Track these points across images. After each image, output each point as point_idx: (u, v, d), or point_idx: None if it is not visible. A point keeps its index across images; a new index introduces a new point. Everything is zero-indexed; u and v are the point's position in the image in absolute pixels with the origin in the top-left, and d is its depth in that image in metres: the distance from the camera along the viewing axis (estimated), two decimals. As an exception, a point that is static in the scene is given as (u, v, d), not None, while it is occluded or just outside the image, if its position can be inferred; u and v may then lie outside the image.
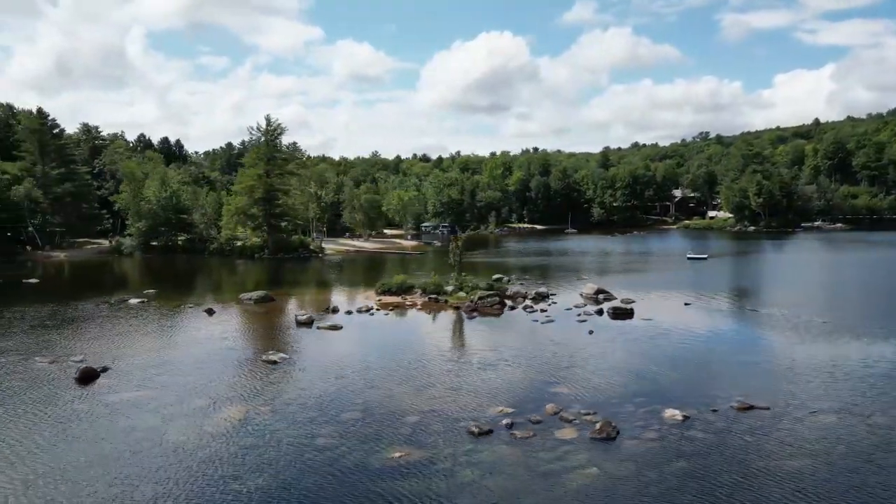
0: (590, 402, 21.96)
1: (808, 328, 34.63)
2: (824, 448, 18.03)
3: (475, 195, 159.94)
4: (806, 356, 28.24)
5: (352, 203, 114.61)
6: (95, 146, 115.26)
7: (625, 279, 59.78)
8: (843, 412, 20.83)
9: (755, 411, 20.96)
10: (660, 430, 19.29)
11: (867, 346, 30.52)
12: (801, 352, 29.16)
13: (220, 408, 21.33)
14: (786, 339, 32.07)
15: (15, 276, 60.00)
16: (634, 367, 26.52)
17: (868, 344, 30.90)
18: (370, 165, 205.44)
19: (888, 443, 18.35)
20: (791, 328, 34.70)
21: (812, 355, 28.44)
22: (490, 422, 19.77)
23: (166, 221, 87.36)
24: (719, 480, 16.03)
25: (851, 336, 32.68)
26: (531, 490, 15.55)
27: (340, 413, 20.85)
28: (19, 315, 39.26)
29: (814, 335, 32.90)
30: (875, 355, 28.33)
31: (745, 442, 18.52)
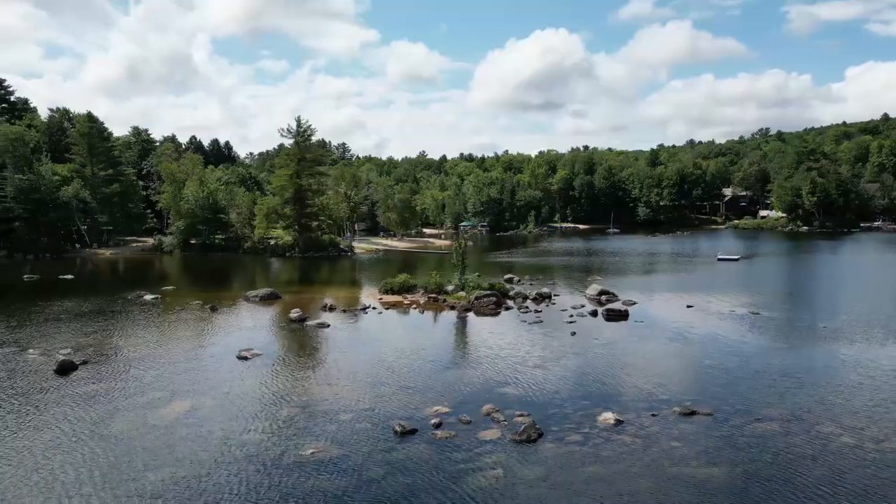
0: (532, 403, 21.89)
1: (804, 333, 33.43)
2: (748, 457, 17.50)
3: (515, 194, 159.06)
4: (783, 362, 27.29)
5: (386, 203, 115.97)
6: (144, 148, 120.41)
7: (640, 280, 58.70)
8: (791, 420, 20.11)
9: (696, 417, 20.49)
10: (586, 434, 19.11)
11: (854, 351, 29.21)
12: (781, 357, 28.21)
13: (172, 401, 22.27)
14: (771, 344, 31.06)
15: (54, 273, 63.52)
16: (595, 370, 26.18)
17: (857, 350, 29.56)
18: (414, 165, 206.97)
19: (820, 454, 17.66)
20: (785, 332, 33.55)
21: (790, 361, 27.48)
22: (419, 421, 20.00)
23: (204, 220, 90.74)
24: (621, 487, 15.82)
25: (844, 341, 31.32)
26: (427, 490, 15.71)
27: (282, 409, 21.46)
28: (40, 309, 41.66)
29: (804, 340, 31.77)
30: (856, 362, 27.12)
31: (668, 448, 18.16)
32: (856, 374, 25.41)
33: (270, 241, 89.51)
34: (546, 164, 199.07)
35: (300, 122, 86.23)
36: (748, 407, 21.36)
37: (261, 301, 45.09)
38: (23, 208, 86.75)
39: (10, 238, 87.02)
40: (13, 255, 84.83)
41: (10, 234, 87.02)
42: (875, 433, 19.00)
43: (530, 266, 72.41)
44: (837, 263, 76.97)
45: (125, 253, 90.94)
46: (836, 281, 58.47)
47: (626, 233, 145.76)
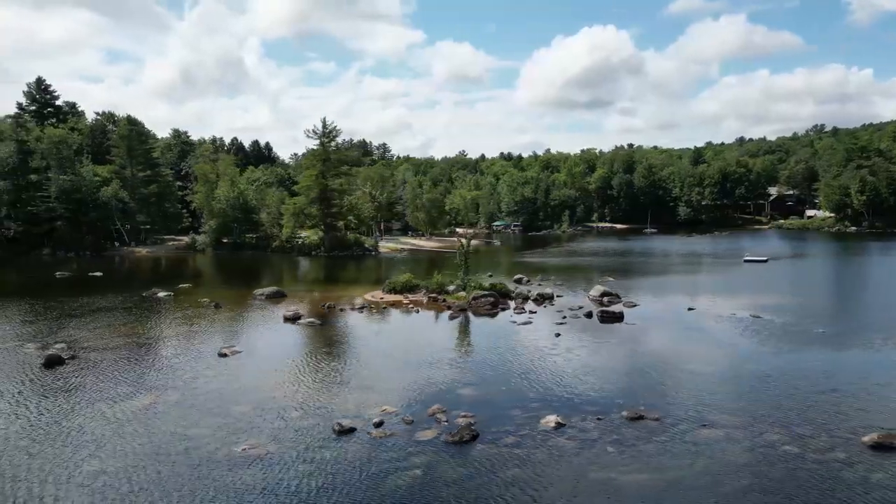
0: (482, 404, 21.91)
1: (796, 338, 32.29)
2: (678, 464, 17.18)
3: (549, 194, 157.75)
4: (757, 367, 26.54)
5: (414, 203, 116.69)
6: (184, 150, 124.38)
7: (653, 281, 57.63)
8: (739, 428, 19.59)
9: (642, 421, 20.16)
10: (523, 436, 19.05)
11: (840, 358, 28.20)
12: (758, 362, 27.39)
13: (138, 395, 23.15)
14: (755, 349, 30.19)
15: (86, 270, 66.44)
16: (558, 373, 25.94)
17: (844, 357, 28.55)
18: (451, 165, 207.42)
19: (754, 463, 17.18)
20: (776, 337, 32.49)
21: (766, 366, 26.64)
22: (362, 420, 20.28)
23: (234, 220, 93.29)
24: (534, 491, 15.75)
25: (836, 347, 30.21)
26: (340, 488, 15.96)
27: (237, 405, 22.03)
28: (57, 305, 43.72)
29: (793, 345, 30.71)
30: (835, 370, 26.18)
31: (600, 452, 17.97)
32: (829, 382, 24.46)
33: (298, 240, 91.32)
34: (585, 162, 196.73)
35: (325, 123, 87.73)
36: (701, 413, 20.86)
37: (266, 299, 46.17)
38: (65, 208, 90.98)
39: (53, 237, 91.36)
40: (56, 254, 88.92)
41: (53, 233, 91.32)
42: (822, 444, 18.32)
43: (551, 266, 71.86)
44: (876, 266, 73.75)
45: (160, 251, 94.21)
46: (863, 285, 56.10)
47: (664, 233, 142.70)
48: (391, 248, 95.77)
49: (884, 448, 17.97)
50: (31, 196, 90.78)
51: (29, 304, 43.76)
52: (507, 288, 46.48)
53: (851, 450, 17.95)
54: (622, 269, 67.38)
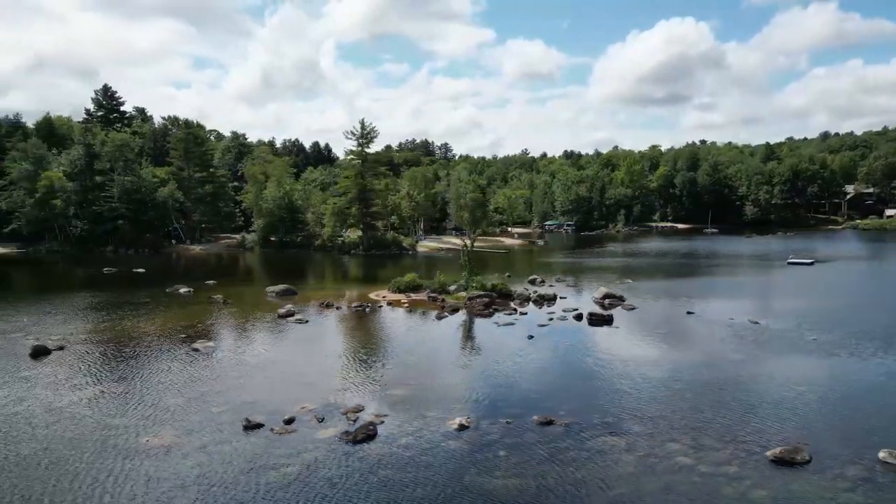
0: (401, 404, 22.16)
1: (782, 345, 30.68)
2: (562, 470, 16.97)
3: (605, 193, 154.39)
4: (712, 375, 25.53)
5: (458, 202, 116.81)
6: (241, 151, 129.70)
7: (672, 283, 55.79)
8: (646, 436, 19.07)
9: (550, 427, 19.94)
10: (420, 437, 19.20)
11: (813, 369, 26.61)
12: (718, 370, 26.30)
13: (90, 386, 24.67)
14: (723, 356, 28.91)
15: (132, 266, 70.68)
16: (496, 375, 25.89)
17: (819, 367, 26.89)
18: (508, 164, 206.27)
19: (641, 473, 16.67)
20: (759, 344, 31.07)
21: (724, 375, 25.59)
22: (276, 416, 20.92)
23: (280, 219, 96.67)
24: (402, 492, 15.89)
25: (811, 356, 28.53)
26: (217, 481, 16.62)
27: (170, 399, 23.08)
28: (81, 298, 46.94)
29: (766, 353, 29.23)
30: (798, 380, 24.74)
31: (490, 456, 17.93)
32: (770, 392, 23.30)
33: (339, 239, 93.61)
34: (648, 160, 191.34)
35: (364, 125, 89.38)
36: (616, 420, 20.33)
37: (277, 296, 47.75)
38: (126, 208, 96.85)
39: (115, 235, 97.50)
40: (118, 251, 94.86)
41: (116, 232, 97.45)
42: (722, 457, 17.55)
43: (582, 266, 70.71)
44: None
45: (212, 249, 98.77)
46: None
47: (726, 233, 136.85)
48: (431, 248, 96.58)
49: (783, 463, 17.05)
50: (96, 196, 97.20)
51: (55, 299, 47.10)
52: (508, 288, 46.25)
53: (750, 463, 17.14)
54: (653, 271, 65.50)
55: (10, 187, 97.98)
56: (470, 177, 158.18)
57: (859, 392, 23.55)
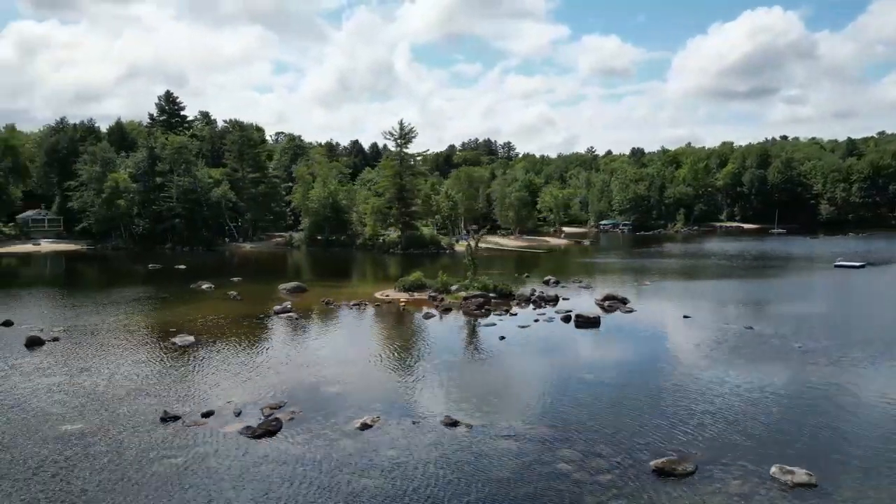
0: (327, 401, 22.55)
1: (758, 353, 29.07)
2: (433, 471, 16.84)
3: (664, 191, 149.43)
4: (661, 381, 24.67)
5: (503, 201, 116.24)
6: (296, 153, 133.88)
7: (696, 285, 53.76)
8: (541, 442, 18.65)
9: (454, 428, 19.84)
10: (319, 435, 19.51)
11: (763, 379, 24.99)
12: (662, 377, 25.28)
13: (57, 375, 26.32)
14: (691, 363, 27.77)
15: (177, 263, 74.52)
16: (439, 375, 25.81)
17: (786, 377, 25.25)
18: (567, 162, 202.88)
19: (504, 479, 16.31)
20: (735, 351, 29.61)
21: (675, 381, 24.60)
22: (197, 409, 21.70)
23: (325, 218, 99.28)
24: (257, 486, 16.25)
25: (782, 366, 26.86)
26: (105, 466, 17.49)
27: (113, 390, 24.19)
28: (110, 293, 49.96)
29: (738, 360, 27.80)
30: (749, 389, 23.40)
31: (374, 455, 17.97)
32: (706, 400, 22.16)
33: (380, 238, 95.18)
34: (718, 157, 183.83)
35: (402, 125, 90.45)
36: (524, 424, 19.99)
37: (288, 293, 49.21)
38: (183, 207, 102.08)
39: (173, 233, 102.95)
40: (175, 248, 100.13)
41: (173, 230, 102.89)
42: (606, 466, 16.92)
43: (613, 267, 69.07)
44: None
45: (262, 247, 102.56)
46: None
47: (795, 234, 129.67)
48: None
49: (664, 473, 16.31)
50: (156, 196, 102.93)
51: (88, 292, 50.38)
52: (509, 289, 45.87)
53: (630, 472, 16.54)
54: (682, 272, 63.22)
55: (81, 188, 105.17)
56: (525, 175, 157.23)
57: (793, 404, 22.14)
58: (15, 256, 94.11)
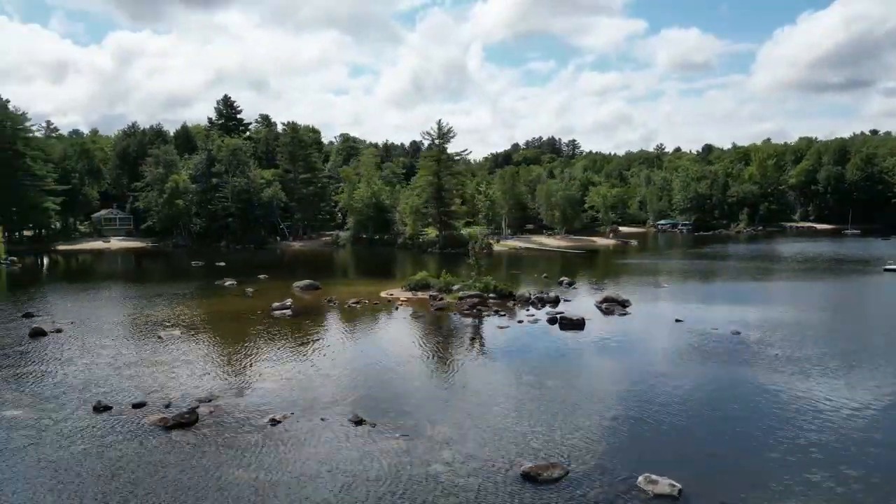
0: (254, 397, 23.27)
1: (729, 358, 27.70)
2: (308, 465, 17.20)
3: (727, 189, 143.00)
4: (591, 387, 23.82)
5: (549, 200, 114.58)
6: (349, 153, 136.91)
7: (707, 288, 51.60)
8: (427, 440, 18.60)
9: (359, 426, 20.12)
10: (226, 428, 20.22)
11: (712, 386, 23.79)
12: (603, 380, 24.45)
13: (26, 364, 28.27)
14: (637, 367, 26.70)
15: (219, 260, 77.99)
16: (380, 374, 26.22)
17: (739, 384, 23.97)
18: (631, 160, 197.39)
19: (378, 476, 16.44)
20: (707, 356, 28.32)
21: (602, 387, 23.78)
22: (129, 401, 22.86)
23: (369, 218, 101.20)
24: (131, 475, 17.10)
25: (758, 372, 25.38)
26: (18, 450, 18.87)
27: (72, 379, 25.78)
28: (143, 288, 53.07)
29: (700, 366, 26.53)
30: (682, 397, 22.34)
31: (267, 451, 18.46)
32: (620, 407, 21.37)
33: (420, 237, 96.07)
34: (793, 153, 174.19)
35: (440, 125, 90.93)
36: (429, 425, 20.04)
37: (301, 290, 50.75)
38: (236, 207, 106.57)
39: (227, 231, 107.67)
40: (229, 246, 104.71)
41: (227, 229, 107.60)
42: (475, 468, 16.74)
43: (645, 269, 66.95)
44: None
45: (310, 246, 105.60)
46: None
47: (870, 235, 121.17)
48: (510, 247, 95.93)
49: (529, 478, 16.11)
50: (212, 196, 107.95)
51: (122, 287, 53.63)
52: (509, 289, 45.51)
53: (497, 476, 16.43)
54: (710, 273, 60.81)
55: (146, 189, 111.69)
56: (583, 174, 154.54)
57: (703, 414, 21.20)
58: (88, 253, 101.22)
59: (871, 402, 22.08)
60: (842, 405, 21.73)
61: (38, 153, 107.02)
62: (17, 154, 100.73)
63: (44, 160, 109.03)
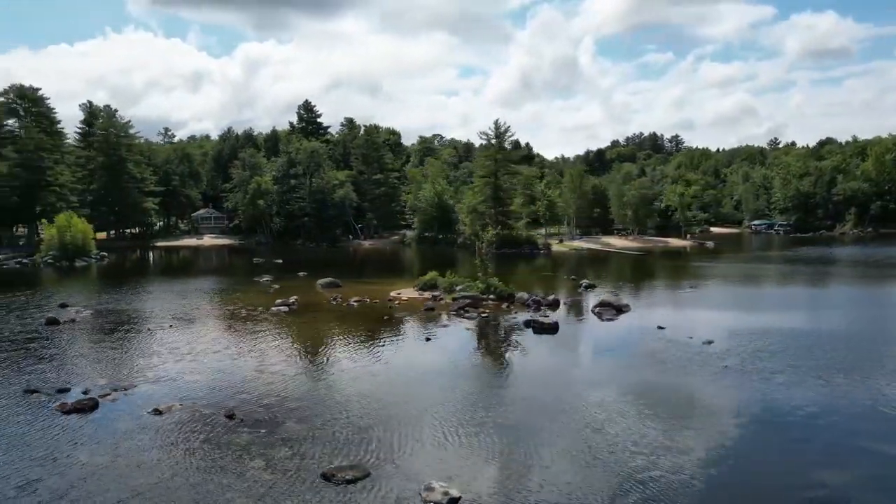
0: (166, 387, 24.49)
1: (683, 368, 25.77)
2: (147, 454, 18.05)
3: (833, 187, 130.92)
4: (490, 391, 23.00)
5: (620, 199, 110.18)
6: (424, 154, 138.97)
7: (727, 292, 47.97)
8: (281, 438, 18.89)
9: (229, 420, 20.59)
10: (116, 414, 21.47)
11: (607, 392, 22.16)
12: (508, 387, 23.56)
13: (12, 350, 31.56)
14: (559, 378, 25.37)
15: (278, 257, 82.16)
16: (300, 374, 26.64)
17: (605, 392, 22.29)
18: (733, 156, 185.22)
19: (206, 466, 17.11)
20: (657, 365, 26.45)
21: (492, 397, 22.87)
22: (58, 386, 24.81)
23: (433, 217, 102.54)
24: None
25: (678, 383, 23.49)
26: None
27: (41, 363, 28.42)
28: (188, 282, 57.16)
29: (632, 376, 24.78)
30: (582, 406, 21.13)
31: (128, 437, 19.57)
32: (486, 412, 20.38)
33: (478, 237, 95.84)
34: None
35: (497, 124, 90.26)
36: (296, 421, 20.22)
37: (323, 288, 52.53)
38: (311, 207, 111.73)
39: (303, 230, 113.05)
40: (304, 244, 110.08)
41: (303, 227, 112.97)
42: (287, 466, 16.87)
43: (697, 272, 63.23)
44: None
45: (378, 245, 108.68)
46: None
47: None
48: (570, 248, 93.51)
49: (326, 479, 16.02)
50: (290, 197, 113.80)
51: (169, 280, 58.01)
52: (510, 291, 44.77)
53: (301, 474, 16.36)
54: (768, 278, 56.21)
55: (234, 190, 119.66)
56: (675, 171, 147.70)
57: (549, 423, 19.56)
58: (181, 249, 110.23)
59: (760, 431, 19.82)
60: (721, 414, 19.71)
61: (140, 158, 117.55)
62: (121, 159, 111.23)
63: (146, 164, 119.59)
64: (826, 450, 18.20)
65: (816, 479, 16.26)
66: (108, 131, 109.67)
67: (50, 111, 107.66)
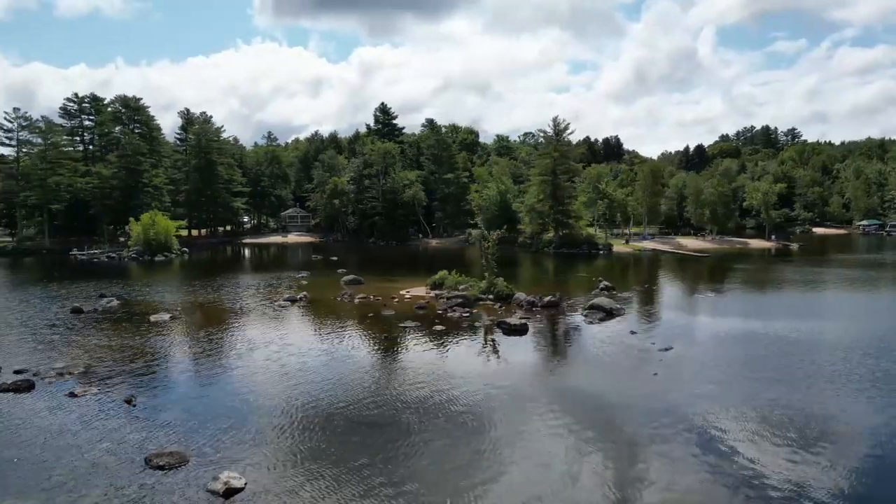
0: (103, 373, 26.42)
1: (618, 375, 24.47)
2: (46, 437, 19.76)
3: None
4: (409, 390, 22.80)
5: (697, 198, 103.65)
6: (500, 152, 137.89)
7: (753, 300, 43.92)
8: (155, 426, 20.00)
9: (130, 405, 22.13)
10: (38, 396, 23.58)
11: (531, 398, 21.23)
12: (424, 387, 23.17)
13: (19, 333, 35.04)
14: (484, 379, 24.52)
15: (336, 255, 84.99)
16: (237, 363, 27.75)
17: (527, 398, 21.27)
18: (849, 150, 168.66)
19: (61, 450, 18.53)
20: (593, 370, 25.17)
21: (418, 392, 22.64)
22: (15, 368, 27.33)
23: (496, 216, 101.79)
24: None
25: (604, 391, 22.25)
26: None
27: (22, 348, 31.57)
28: (233, 277, 60.80)
29: (558, 383, 23.72)
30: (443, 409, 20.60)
31: (44, 417, 21.51)
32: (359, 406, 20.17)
33: (539, 236, 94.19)
34: None
35: (556, 122, 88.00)
36: (180, 411, 21.37)
37: (345, 285, 53.96)
38: (382, 206, 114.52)
39: (375, 228, 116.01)
40: (376, 242, 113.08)
41: (374, 226, 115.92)
42: (121, 459, 17.84)
43: (750, 277, 58.86)
44: None
45: (445, 243, 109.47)
46: None
47: None
48: (634, 248, 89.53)
49: (148, 464, 16.84)
50: (364, 196, 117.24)
51: (220, 275, 61.88)
52: (509, 291, 43.97)
53: (124, 463, 17.27)
54: (819, 285, 51.27)
55: (315, 189, 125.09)
56: (779, 167, 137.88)
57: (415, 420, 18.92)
58: (266, 245, 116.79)
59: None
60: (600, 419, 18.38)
61: (230, 160, 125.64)
62: (211, 162, 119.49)
63: (236, 166, 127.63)
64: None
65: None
66: (200, 136, 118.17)
67: (150, 119, 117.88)
